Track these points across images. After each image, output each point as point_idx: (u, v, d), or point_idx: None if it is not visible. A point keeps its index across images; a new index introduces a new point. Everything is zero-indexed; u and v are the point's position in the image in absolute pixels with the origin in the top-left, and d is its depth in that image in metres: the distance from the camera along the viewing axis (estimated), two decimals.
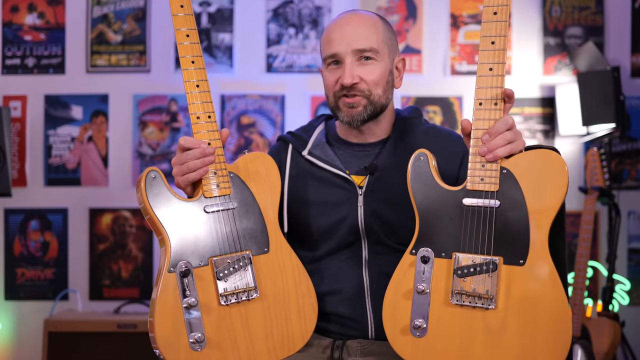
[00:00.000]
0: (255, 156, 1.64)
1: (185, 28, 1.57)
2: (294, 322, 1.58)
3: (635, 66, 3.64)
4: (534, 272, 1.44)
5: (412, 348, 1.49)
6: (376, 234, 1.68)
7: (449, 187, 1.51)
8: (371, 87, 1.67)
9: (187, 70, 1.56)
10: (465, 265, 1.47)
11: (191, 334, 1.49)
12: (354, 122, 1.69)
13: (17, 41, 3.70)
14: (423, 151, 1.54)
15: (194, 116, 1.55)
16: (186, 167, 1.54)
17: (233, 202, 1.57)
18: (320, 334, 1.71)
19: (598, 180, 3.23)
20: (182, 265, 1.50)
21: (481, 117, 1.48)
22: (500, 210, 1.46)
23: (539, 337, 1.43)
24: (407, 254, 1.51)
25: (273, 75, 3.68)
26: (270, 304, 1.56)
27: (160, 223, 1.52)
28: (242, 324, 1.54)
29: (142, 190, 1.52)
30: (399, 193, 1.67)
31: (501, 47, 1.47)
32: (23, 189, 3.65)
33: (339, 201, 1.70)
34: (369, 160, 1.73)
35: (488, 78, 1.48)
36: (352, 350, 1.68)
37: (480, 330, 1.46)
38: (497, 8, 1.48)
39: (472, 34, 3.67)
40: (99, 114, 3.68)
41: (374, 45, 1.67)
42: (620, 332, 3.16)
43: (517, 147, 1.47)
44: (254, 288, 1.54)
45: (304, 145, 1.77)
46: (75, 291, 3.63)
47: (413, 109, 1.81)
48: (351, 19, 1.70)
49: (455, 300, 1.47)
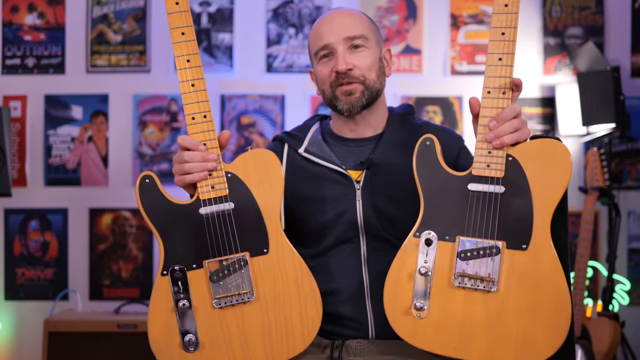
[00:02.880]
0: (256, 153, 1.60)
1: (181, 26, 1.54)
2: (294, 324, 1.55)
3: (635, 66, 3.64)
4: (536, 256, 1.47)
5: (413, 329, 1.50)
6: (375, 228, 1.68)
7: (455, 172, 1.53)
8: (365, 73, 1.72)
9: (182, 70, 1.53)
10: (469, 248, 1.49)
11: (184, 337, 1.49)
12: (353, 108, 1.73)
13: (17, 41, 3.70)
14: (429, 136, 1.56)
15: (189, 117, 1.53)
16: (182, 169, 1.53)
17: (229, 203, 1.54)
18: (320, 335, 1.71)
19: (598, 180, 3.23)
20: (175, 268, 1.50)
21: (489, 105, 1.51)
22: (505, 196, 1.49)
23: (539, 320, 1.45)
24: (411, 236, 1.53)
25: (273, 75, 3.68)
26: (269, 306, 1.54)
27: (153, 227, 1.52)
28: (238, 327, 1.52)
29: (136, 195, 1.53)
30: (396, 186, 1.69)
31: (511, 38, 1.51)
32: (23, 189, 3.65)
33: (336, 196, 1.71)
34: (364, 155, 1.74)
35: (497, 67, 1.51)
36: (351, 350, 1.68)
37: (481, 313, 1.48)
38: (508, 1, 1.53)
39: (472, 34, 3.67)
40: (99, 114, 3.68)
41: (363, 32, 1.73)
42: (620, 332, 3.16)
43: (523, 135, 1.50)
44: (249, 291, 1.53)
45: (300, 143, 1.78)
46: (75, 291, 3.63)
47: (406, 106, 1.85)
48: (337, 13, 1.78)
49: (458, 282, 1.49)
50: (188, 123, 1.53)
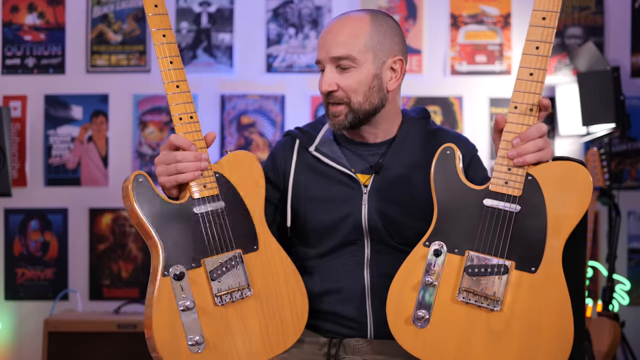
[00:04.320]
0: (239, 155, 1.63)
1: (161, 28, 1.54)
2: (287, 317, 1.58)
3: (635, 66, 3.64)
4: (543, 281, 1.44)
5: (413, 338, 1.49)
6: (380, 233, 1.68)
7: (472, 186, 1.50)
8: (350, 94, 1.66)
9: (166, 71, 1.54)
10: (477, 264, 1.47)
11: (189, 337, 1.48)
12: (338, 130, 1.71)
13: (17, 41, 3.70)
14: (450, 146, 1.53)
15: (177, 117, 1.53)
16: (175, 168, 1.52)
17: (221, 202, 1.56)
18: (320, 333, 1.71)
19: (598, 181, 3.24)
20: (175, 268, 1.49)
21: (514, 120, 1.47)
22: (520, 216, 1.46)
23: (540, 347, 1.44)
24: (420, 245, 1.51)
25: (273, 75, 3.68)
26: (264, 301, 1.56)
27: (149, 227, 1.50)
28: (239, 323, 1.53)
29: (129, 195, 1.49)
30: (404, 192, 1.67)
31: (545, 53, 1.46)
32: (23, 189, 3.65)
33: (342, 198, 1.70)
34: (374, 159, 1.73)
35: (527, 82, 1.46)
36: (348, 348, 1.68)
37: (482, 330, 1.46)
38: (546, 14, 1.46)
39: (472, 34, 3.67)
40: (99, 114, 3.68)
41: (352, 53, 1.64)
42: (620, 332, 3.17)
43: (546, 155, 1.47)
44: (246, 286, 1.54)
45: (311, 141, 1.77)
46: (75, 291, 3.63)
47: (420, 109, 1.80)
48: (334, 26, 1.69)
49: (462, 297, 1.47)
50: (176, 123, 1.53)
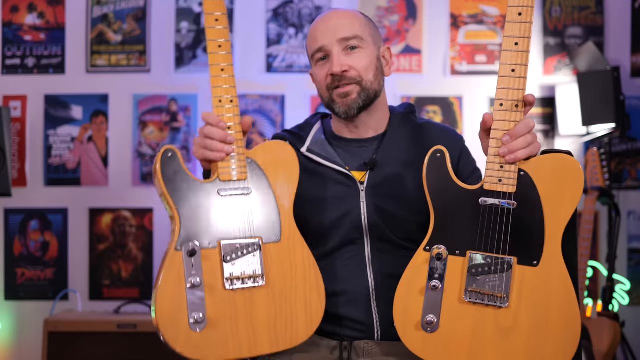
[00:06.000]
0: (276, 144, 1.64)
1: (216, 12, 1.58)
2: (299, 314, 1.56)
3: (635, 66, 3.64)
4: (546, 273, 1.46)
5: (423, 343, 1.49)
6: (380, 229, 1.68)
7: (466, 186, 1.51)
8: (361, 74, 1.69)
9: (213, 53, 1.57)
10: (480, 264, 1.48)
11: (192, 314, 1.48)
12: (350, 110, 1.70)
13: (17, 41, 3.70)
14: (440, 148, 1.54)
15: (216, 99, 1.55)
16: (203, 142, 1.54)
17: (248, 188, 1.56)
18: (326, 336, 1.70)
19: (598, 180, 3.23)
20: (190, 244, 1.49)
21: (501, 118, 1.48)
22: (517, 212, 1.47)
23: (549, 337, 1.45)
24: (421, 250, 1.52)
25: (273, 75, 3.68)
26: (277, 293, 1.55)
27: (172, 200, 1.51)
28: (246, 310, 1.53)
29: (157, 167, 1.52)
30: (400, 187, 1.68)
31: (524, 48, 1.47)
32: (23, 189, 3.65)
33: (340, 197, 1.70)
34: (367, 156, 1.73)
35: (510, 79, 1.47)
36: (360, 351, 1.68)
37: (491, 328, 1.47)
38: (522, 9, 1.48)
39: (472, 34, 3.67)
40: (99, 114, 3.68)
41: (358, 33, 1.70)
42: (620, 332, 3.16)
43: (534, 149, 1.48)
44: (260, 275, 1.54)
45: (302, 142, 1.77)
46: (75, 291, 3.63)
47: (407, 105, 1.83)
48: (332, 14, 1.75)
49: (469, 298, 1.48)
50: (215, 105, 1.56)
